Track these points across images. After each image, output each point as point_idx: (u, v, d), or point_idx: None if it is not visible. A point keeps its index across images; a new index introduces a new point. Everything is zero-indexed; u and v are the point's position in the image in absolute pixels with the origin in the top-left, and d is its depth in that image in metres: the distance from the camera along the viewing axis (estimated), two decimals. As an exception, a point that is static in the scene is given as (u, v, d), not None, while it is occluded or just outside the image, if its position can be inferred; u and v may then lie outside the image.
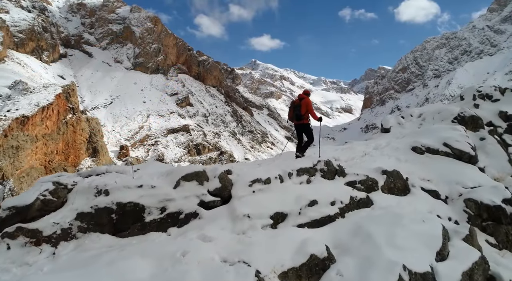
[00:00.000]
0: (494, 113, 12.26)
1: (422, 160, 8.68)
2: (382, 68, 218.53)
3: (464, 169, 8.19)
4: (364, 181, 6.91)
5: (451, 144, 8.78)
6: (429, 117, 12.83)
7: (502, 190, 6.94)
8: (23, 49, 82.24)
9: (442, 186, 7.58)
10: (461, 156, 8.62)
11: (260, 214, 5.09)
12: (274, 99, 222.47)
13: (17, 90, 53.22)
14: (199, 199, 5.36)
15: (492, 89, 13.81)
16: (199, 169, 5.77)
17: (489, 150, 9.46)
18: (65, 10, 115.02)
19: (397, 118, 13.42)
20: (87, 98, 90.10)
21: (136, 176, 5.65)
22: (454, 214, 6.81)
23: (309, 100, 7.67)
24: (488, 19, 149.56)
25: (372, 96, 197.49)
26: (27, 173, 43.71)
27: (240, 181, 5.89)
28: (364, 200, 6.25)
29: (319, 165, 6.91)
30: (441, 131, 9.60)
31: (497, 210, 6.59)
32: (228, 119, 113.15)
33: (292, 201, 5.50)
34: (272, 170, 6.39)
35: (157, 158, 74.63)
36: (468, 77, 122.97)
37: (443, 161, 8.56)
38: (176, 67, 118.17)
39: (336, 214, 5.60)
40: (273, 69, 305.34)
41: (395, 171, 7.42)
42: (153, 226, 4.93)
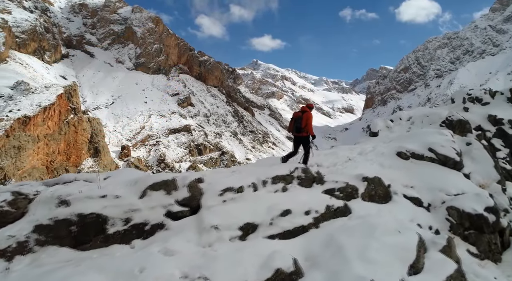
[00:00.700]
0: (483, 117, 12.08)
1: (406, 165, 8.48)
2: (384, 68, 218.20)
3: (448, 175, 7.99)
4: (343, 188, 6.69)
5: (436, 150, 8.59)
6: (418, 120, 12.65)
7: (484, 198, 6.77)
8: (25, 50, 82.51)
9: (425, 193, 7.40)
10: (446, 162, 8.40)
11: (228, 225, 4.88)
12: (276, 99, 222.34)
13: (19, 90, 53.39)
14: (166, 210, 5.13)
15: (482, 92, 13.64)
16: (167, 177, 5.54)
17: (475, 155, 9.26)
18: (67, 11, 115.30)
19: (385, 122, 13.21)
20: (89, 98, 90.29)
21: (104, 184, 5.41)
22: (436, 222, 6.63)
23: (311, 114, 7.89)
24: (491, 19, 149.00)
25: (373, 96, 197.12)
26: (29, 173, 43.84)
27: (211, 190, 5.64)
28: (342, 209, 6.00)
29: (296, 172, 6.69)
30: (427, 136, 9.42)
31: (479, 218, 6.43)
32: (230, 119, 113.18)
33: (264, 211, 5.28)
34: (246, 178, 6.16)
35: (158, 158, 74.73)
36: (470, 77, 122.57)
37: (427, 167, 8.36)
38: (178, 67, 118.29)
39: (310, 224, 5.38)
40: (274, 69, 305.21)
41: (377, 178, 7.21)
42: (116, 238, 4.68)
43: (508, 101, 13.18)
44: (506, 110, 12.40)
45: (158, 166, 73.11)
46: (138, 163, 69.80)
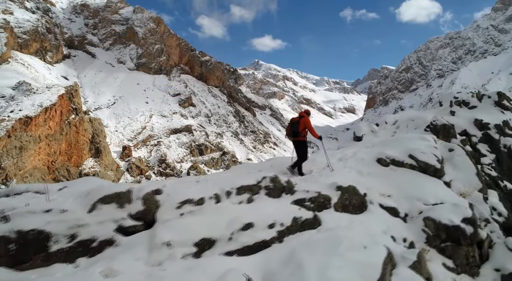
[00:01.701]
0: (469, 121, 11.70)
1: (386, 173, 8.08)
2: (385, 68, 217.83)
3: (427, 183, 7.65)
4: (315, 198, 6.35)
5: (416, 156, 8.24)
6: (403, 125, 12.24)
7: (462, 208, 6.48)
8: (27, 50, 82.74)
9: (403, 203, 7.05)
10: (426, 169, 8.04)
11: (183, 241, 4.57)
12: (277, 99, 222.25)
13: (21, 90, 53.59)
14: (117, 224, 4.79)
15: (469, 96, 13.21)
16: (120, 189, 5.19)
17: (456, 162, 8.85)
18: (69, 11, 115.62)
19: (370, 126, 12.83)
20: (90, 99, 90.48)
21: (55, 197, 5.06)
22: (411, 234, 6.32)
23: (309, 119, 7.97)
24: (493, 19, 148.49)
25: (375, 96, 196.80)
26: (30, 173, 43.98)
27: (168, 202, 5.30)
28: (310, 221, 5.68)
29: (264, 182, 6.36)
30: (408, 142, 9.08)
31: (456, 230, 6.13)
32: (231, 119, 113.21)
33: (224, 225, 4.99)
34: (209, 189, 5.86)
35: (159, 158, 74.81)
36: (472, 77, 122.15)
37: (407, 174, 8.00)
38: (179, 67, 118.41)
39: (273, 239, 5.07)
40: (275, 69, 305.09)
41: (351, 186, 6.88)
42: (59, 256, 4.31)
43: (496, 105, 12.73)
44: (493, 114, 12.03)
45: (159, 166, 73.20)
46: (139, 163, 69.92)
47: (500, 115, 11.97)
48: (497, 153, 10.67)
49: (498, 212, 7.70)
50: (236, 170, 8.39)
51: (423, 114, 12.28)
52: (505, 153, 10.80)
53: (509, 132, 11.39)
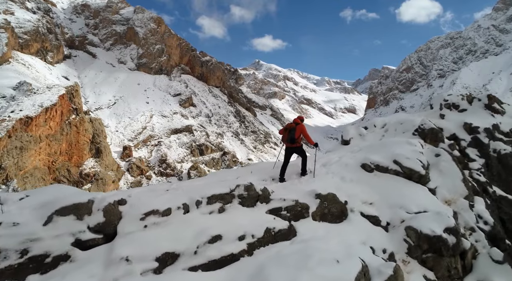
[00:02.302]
0: (458, 125, 11.36)
1: (369, 179, 7.81)
2: (386, 68, 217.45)
3: (411, 190, 7.37)
4: (291, 207, 6.07)
5: (401, 162, 7.93)
6: (391, 128, 11.92)
7: (445, 217, 6.19)
8: (28, 50, 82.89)
9: (385, 211, 6.74)
10: (411, 175, 7.76)
11: (143, 256, 4.27)
12: (278, 99, 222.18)
13: (22, 91, 53.69)
14: (74, 238, 4.46)
15: (459, 98, 12.81)
16: (81, 200, 4.81)
17: (442, 168, 8.48)
18: (70, 11, 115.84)
19: (358, 129, 12.51)
20: (91, 99, 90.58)
21: (13, 207, 4.71)
22: (392, 244, 6.02)
23: (304, 126, 8.13)
24: (494, 18, 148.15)
25: (376, 96, 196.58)
26: (31, 173, 44.03)
27: (132, 213, 4.96)
28: (284, 232, 5.44)
29: (238, 190, 6.00)
30: (394, 146, 8.72)
31: (438, 241, 5.85)
32: (231, 119, 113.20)
33: (191, 237, 4.70)
34: (177, 198, 5.51)
35: (160, 158, 74.86)
36: (473, 77, 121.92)
37: (391, 180, 7.68)
38: (179, 67, 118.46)
39: (242, 252, 4.82)
40: (276, 69, 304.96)
41: (331, 194, 6.60)
42: (8, 274, 3.99)
43: (486, 108, 12.35)
44: (483, 118, 11.68)
45: (160, 167, 73.26)
46: (140, 163, 69.97)
47: (490, 118, 11.68)
48: (486, 157, 10.40)
49: (484, 221, 7.45)
50: (212, 177, 8.06)
51: (411, 117, 11.96)
52: (495, 157, 10.47)
53: (498, 136, 11.03)
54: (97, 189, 52.39)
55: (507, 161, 10.36)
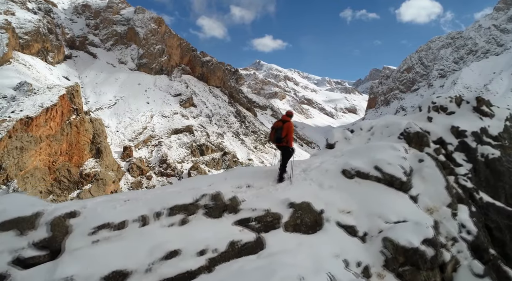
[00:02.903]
0: (446, 128, 10.96)
1: (349, 186, 7.43)
2: (387, 68, 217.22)
3: (392, 198, 6.99)
4: (261, 217, 5.69)
5: (382, 168, 7.53)
6: (378, 131, 11.53)
7: (424, 227, 5.83)
8: (29, 51, 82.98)
9: (363, 220, 6.38)
10: (392, 182, 7.37)
11: (89, 275, 3.91)
12: (278, 99, 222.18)
13: (22, 91, 53.73)
14: (14, 255, 4.08)
15: (448, 101, 12.35)
16: (24, 213, 4.40)
17: (425, 174, 8.07)
18: (70, 12, 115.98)
19: (344, 132, 12.16)
20: (92, 99, 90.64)
21: None
22: (368, 256, 5.65)
23: (292, 124, 7.88)
24: (495, 18, 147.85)
25: (376, 96, 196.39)
26: (31, 173, 44.05)
27: (83, 227, 4.58)
28: (251, 245, 5.05)
29: (203, 200, 5.65)
30: (376, 151, 8.32)
31: (415, 253, 5.52)
32: (232, 119, 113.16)
33: (145, 253, 4.33)
34: (136, 209, 5.15)
35: (160, 158, 74.85)
36: (474, 77, 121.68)
37: (371, 187, 7.29)
38: (180, 67, 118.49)
39: (202, 268, 4.46)
40: (277, 70, 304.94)
41: (305, 203, 6.22)
42: None
43: (474, 111, 11.89)
44: (471, 121, 11.31)
45: (160, 167, 73.25)
46: (140, 163, 69.99)
47: (478, 121, 11.32)
48: (474, 162, 10.04)
49: (467, 230, 7.13)
50: (184, 184, 7.64)
51: (398, 120, 11.68)
52: (482, 162, 10.11)
53: (487, 140, 10.66)
54: (98, 189, 52.41)
55: (495, 166, 9.99)
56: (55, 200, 46.24)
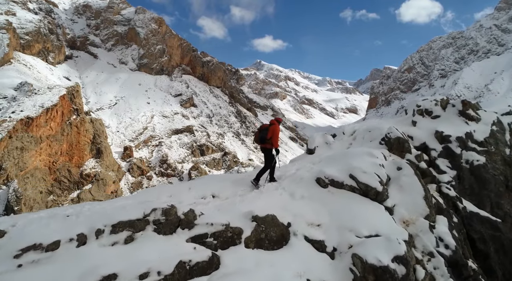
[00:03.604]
0: (430, 133, 10.43)
1: (322, 196, 6.94)
2: (388, 68, 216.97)
3: (366, 209, 6.51)
4: (220, 233, 5.23)
5: (357, 176, 7.10)
6: (360, 136, 11.09)
7: (395, 243, 5.36)
8: (29, 51, 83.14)
9: (333, 234, 5.89)
10: (367, 192, 6.92)
11: None
12: (279, 99, 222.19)
13: (23, 91, 53.83)
14: None
15: (433, 104, 11.79)
16: None
17: (403, 183, 7.55)
18: (71, 12, 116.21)
19: (324, 137, 11.60)
20: (92, 99, 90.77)
21: None
22: (336, 274, 5.24)
23: (278, 128, 7.78)
24: (496, 18, 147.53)
25: (377, 96, 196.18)
26: (32, 174, 44.11)
27: (7, 248, 4.08)
28: (203, 265, 4.58)
29: (153, 215, 5.08)
30: (353, 158, 7.85)
31: (384, 272, 5.05)
32: (232, 119, 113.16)
33: (75, 279, 3.86)
34: (73, 227, 4.63)
35: (161, 159, 74.90)
36: (475, 77, 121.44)
37: (345, 198, 6.85)
38: (180, 68, 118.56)
39: None
40: (277, 70, 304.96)
41: (270, 216, 5.75)
42: None
43: (460, 115, 11.28)
44: (456, 125, 10.74)
45: (161, 167, 73.30)
46: (141, 163, 70.04)
47: (463, 126, 10.78)
48: (458, 169, 9.53)
49: (445, 244, 6.62)
50: (137, 196, 7.02)
51: (380, 124, 11.12)
52: (467, 169, 9.62)
53: (472, 145, 10.14)
54: (98, 189, 52.47)
55: (480, 173, 9.52)
56: (55, 200, 46.32)
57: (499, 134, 10.90)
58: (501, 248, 7.90)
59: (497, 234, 8.08)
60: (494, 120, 11.23)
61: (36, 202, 42.20)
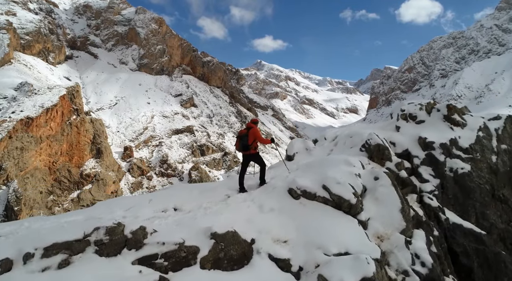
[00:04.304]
0: (413, 139, 9.87)
1: (293, 208, 6.36)
2: (388, 68, 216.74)
3: (337, 224, 5.96)
4: (173, 252, 4.69)
5: (330, 187, 6.52)
6: (341, 142, 10.49)
7: (363, 264, 4.91)
8: (30, 51, 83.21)
9: (300, 251, 5.38)
10: (340, 204, 6.35)
11: None
12: (279, 99, 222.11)
13: (23, 91, 53.86)
14: None
15: (417, 108, 11.18)
16: None
17: (379, 194, 6.96)
18: (71, 12, 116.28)
19: (304, 143, 11.04)
20: (93, 99, 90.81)
21: None
22: None
23: (257, 129, 7.54)
24: (496, 18, 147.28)
25: (377, 97, 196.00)
26: (32, 174, 44.11)
27: None
28: None
29: (96, 234, 4.54)
30: (328, 166, 7.29)
31: None
32: (233, 120, 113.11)
33: None
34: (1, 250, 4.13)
35: (161, 159, 74.87)
36: (476, 77, 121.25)
37: (317, 211, 6.27)
38: (181, 68, 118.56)
39: None
40: (278, 70, 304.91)
41: (230, 232, 5.19)
42: None
43: (445, 120, 10.67)
44: (440, 131, 10.16)
45: (161, 167, 73.27)
46: (141, 164, 70.03)
47: (448, 132, 10.22)
48: (441, 178, 9.02)
49: (422, 261, 6.09)
50: (86, 212, 6.32)
51: (361, 130, 10.60)
52: (451, 177, 9.07)
53: (456, 152, 9.57)
54: (98, 189, 52.47)
55: (464, 182, 9.01)
56: (55, 200, 46.33)
57: (485, 141, 10.36)
58: (485, 262, 7.49)
59: (481, 247, 7.67)
60: (481, 125, 10.69)
61: (36, 202, 42.20)
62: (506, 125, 11.34)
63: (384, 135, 9.85)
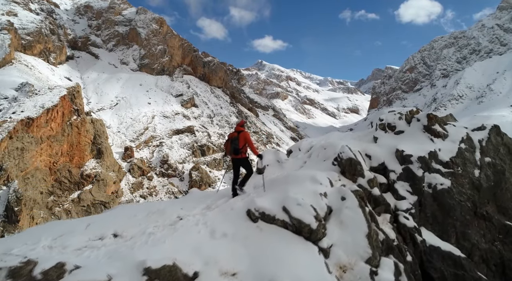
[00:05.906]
0: (390, 152, 9.06)
1: (248, 234, 5.59)
2: (389, 68, 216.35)
3: (294, 252, 5.20)
4: None
5: (290, 210, 5.76)
6: (315, 153, 9.70)
7: None
8: (31, 51, 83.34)
9: None
10: (301, 229, 5.58)
11: None
12: (280, 99, 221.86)
13: (24, 92, 53.91)
14: None
15: (396, 118, 10.38)
16: None
17: (345, 217, 6.13)
18: (73, 13, 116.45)
19: (276, 154, 10.26)
20: (93, 99, 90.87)
21: None
22: None
23: (248, 133, 7.38)
24: (498, 18, 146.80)
25: (379, 97, 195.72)
26: (32, 174, 44.12)
27: None
28: None
29: None
30: (292, 184, 6.59)
31: None
32: (233, 120, 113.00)
33: None
34: None
35: (161, 159, 74.85)
36: (477, 77, 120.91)
37: (275, 236, 5.53)
38: (181, 68, 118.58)
39: None
40: (279, 70, 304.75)
41: (167, 267, 4.28)
42: None
43: (425, 130, 9.93)
44: (419, 143, 9.40)
45: (161, 167, 73.25)
46: (141, 164, 70.01)
47: (428, 144, 9.45)
48: (419, 194, 8.29)
49: None
50: (14, 239, 5.36)
51: (336, 141, 9.76)
52: (429, 194, 8.33)
53: (436, 166, 8.78)
54: (98, 189, 52.47)
55: (443, 199, 8.26)
56: (56, 200, 46.34)
57: (467, 153, 9.57)
58: (464, 289, 6.82)
59: (460, 272, 7.06)
60: (463, 136, 9.90)
61: (36, 202, 42.21)
62: (491, 136, 10.36)
63: (360, 147, 9.16)
